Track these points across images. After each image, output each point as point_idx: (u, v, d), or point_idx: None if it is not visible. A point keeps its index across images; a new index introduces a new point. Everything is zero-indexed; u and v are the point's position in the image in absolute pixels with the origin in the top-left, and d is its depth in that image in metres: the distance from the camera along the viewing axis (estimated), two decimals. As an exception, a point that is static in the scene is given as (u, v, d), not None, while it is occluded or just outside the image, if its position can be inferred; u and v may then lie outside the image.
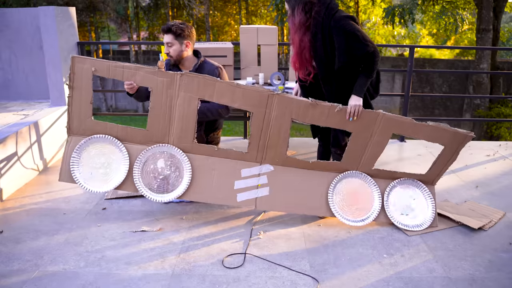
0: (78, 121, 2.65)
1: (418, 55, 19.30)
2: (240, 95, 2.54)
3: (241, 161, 2.69)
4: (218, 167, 2.69)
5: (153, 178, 2.69)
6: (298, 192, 2.71)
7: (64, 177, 2.69)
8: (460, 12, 12.88)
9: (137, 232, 2.61)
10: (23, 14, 4.35)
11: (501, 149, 4.37)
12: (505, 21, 20.09)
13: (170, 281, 2.15)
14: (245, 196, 2.67)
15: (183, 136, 2.65)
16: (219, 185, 2.68)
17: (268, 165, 2.70)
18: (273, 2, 11.57)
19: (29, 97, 4.56)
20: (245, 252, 2.40)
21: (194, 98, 2.56)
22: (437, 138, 2.60)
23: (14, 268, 2.24)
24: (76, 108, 2.63)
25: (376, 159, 2.69)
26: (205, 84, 2.53)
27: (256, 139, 2.63)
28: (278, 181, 2.70)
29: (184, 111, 2.59)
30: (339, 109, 2.51)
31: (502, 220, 2.81)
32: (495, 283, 2.16)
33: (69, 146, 2.68)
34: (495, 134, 10.82)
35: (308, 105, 2.52)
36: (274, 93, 2.52)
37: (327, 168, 2.73)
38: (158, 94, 2.57)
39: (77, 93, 2.60)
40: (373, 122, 2.55)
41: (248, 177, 2.69)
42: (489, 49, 11.05)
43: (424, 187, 2.75)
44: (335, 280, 2.17)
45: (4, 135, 3.19)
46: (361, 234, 2.61)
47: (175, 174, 2.68)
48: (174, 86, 2.55)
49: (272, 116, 2.56)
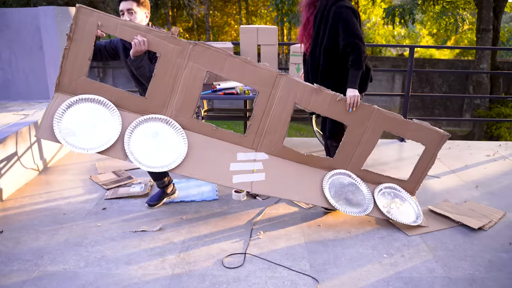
0: (70, 77, 2.41)
1: (418, 55, 19.30)
2: (250, 71, 2.52)
3: (237, 145, 2.66)
4: (214, 146, 2.62)
5: (145, 147, 2.51)
6: (294, 180, 2.71)
7: (44, 133, 2.38)
8: (461, 12, 12.89)
9: (137, 232, 2.61)
10: (23, 14, 4.35)
11: (501, 149, 4.37)
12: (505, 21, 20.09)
13: (170, 281, 2.14)
14: (241, 178, 2.63)
15: (183, 109, 2.54)
16: (215, 164, 2.59)
17: (263, 154, 2.68)
18: (273, 2, 11.58)
19: (29, 97, 4.56)
20: (245, 252, 2.40)
21: (202, 70, 2.49)
22: (420, 137, 2.72)
23: (14, 268, 2.24)
24: (70, 62, 2.38)
25: (366, 158, 2.74)
26: (217, 57, 2.48)
27: (257, 120, 2.60)
28: (273, 169, 2.68)
29: (189, 83, 2.50)
30: (341, 99, 2.57)
31: (502, 220, 2.81)
32: (495, 283, 2.16)
33: (54, 102, 2.40)
34: (495, 134, 10.82)
35: (313, 91, 2.55)
36: (283, 74, 2.53)
37: (319, 164, 2.76)
38: (165, 62, 2.44)
39: (75, 46, 2.36)
40: (368, 116, 2.62)
41: (243, 161, 2.66)
42: (489, 49, 11.05)
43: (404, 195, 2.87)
44: (335, 280, 2.17)
45: (4, 135, 3.19)
46: (361, 234, 2.61)
47: (167, 148, 2.52)
48: (184, 55, 2.46)
49: (276, 97, 2.56)
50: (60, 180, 3.41)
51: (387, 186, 2.86)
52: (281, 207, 2.97)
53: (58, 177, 3.49)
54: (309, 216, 2.83)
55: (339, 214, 2.85)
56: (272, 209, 2.94)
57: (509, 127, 10.83)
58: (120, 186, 3.26)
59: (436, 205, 2.97)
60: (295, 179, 2.70)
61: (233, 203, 3.02)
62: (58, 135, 2.36)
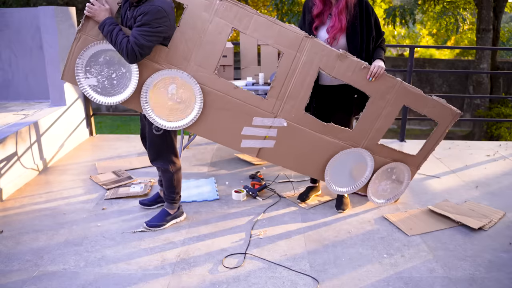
0: (94, 21, 2.36)
1: (418, 55, 19.30)
2: (276, 32, 2.48)
3: (256, 108, 2.59)
4: (231, 107, 2.57)
5: (161, 102, 2.50)
6: (301, 153, 2.73)
7: (67, 77, 2.43)
8: (461, 12, 12.88)
9: (137, 232, 2.61)
10: (23, 14, 4.35)
11: (501, 149, 4.37)
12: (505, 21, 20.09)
13: (170, 281, 2.14)
14: (249, 144, 2.62)
15: (204, 64, 2.49)
16: (227, 126, 2.60)
17: (282, 120, 2.62)
18: (273, 2, 11.57)
19: (29, 97, 4.56)
20: (245, 252, 2.40)
21: (227, 26, 2.45)
22: (435, 114, 2.72)
23: (14, 268, 2.24)
24: (98, 5, 2.33)
25: (383, 132, 2.73)
26: (243, 14, 2.45)
27: (279, 83, 2.55)
28: (286, 139, 2.67)
29: (213, 39, 2.46)
30: (366, 67, 2.55)
31: (502, 220, 2.81)
32: (495, 283, 2.16)
33: (76, 44, 2.38)
34: (495, 134, 10.82)
35: (338, 56, 2.52)
36: (309, 37, 2.50)
37: (338, 136, 2.71)
38: (191, 14, 2.42)
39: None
40: (391, 89, 2.61)
41: (258, 127, 2.62)
42: (489, 49, 11.04)
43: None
44: (335, 280, 2.16)
45: (4, 135, 3.19)
46: (361, 234, 2.61)
47: (184, 104, 2.52)
48: (210, 9, 2.43)
49: (300, 61, 2.52)
50: (60, 180, 3.41)
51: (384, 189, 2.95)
52: (281, 207, 2.97)
53: (58, 177, 3.49)
54: (309, 216, 2.83)
55: (339, 214, 2.85)
56: (272, 209, 2.94)
57: (509, 127, 10.83)
58: (120, 186, 3.26)
59: (436, 205, 2.97)
60: (304, 153, 2.72)
61: (233, 203, 3.02)
62: (80, 83, 2.40)
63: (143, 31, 2.22)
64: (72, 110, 4.24)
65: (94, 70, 2.42)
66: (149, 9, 2.21)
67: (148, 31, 2.23)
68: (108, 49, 2.39)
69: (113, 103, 2.45)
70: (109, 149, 4.19)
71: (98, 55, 2.40)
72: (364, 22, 2.65)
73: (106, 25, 2.26)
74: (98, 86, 2.43)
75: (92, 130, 4.68)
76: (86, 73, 2.41)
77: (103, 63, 2.41)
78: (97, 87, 2.44)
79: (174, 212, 2.69)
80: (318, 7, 2.67)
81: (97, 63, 2.41)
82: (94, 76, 2.42)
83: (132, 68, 2.41)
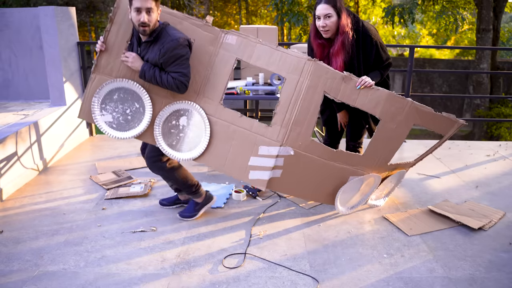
0: (107, 59, 2.49)
1: (418, 55, 19.30)
2: (277, 58, 2.48)
3: (262, 137, 2.53)
4: (237, 137, 2.55)
5: (173, 134, 2.58)
6: (310, 181, 2.65)
7: (84, 115, 2.56)
8: (461, 12, 12.87)
9: (136, 232, 2.61)
10: (23, 14, 4.35)
11: (501, 149, 4.37)
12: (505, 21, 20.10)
13: (170, 281, 2.14)
14: (257, 175, 2.55)
15: (211, 96, 2.54)
16: (235, 156, 2.56)
17: (288, 148, 2.53)
18: (273, 2, 11.57)
19: (29, 97, 4.56)
20: (245, 252, 2.40)
21: (232, 58, 2.50)
22: (442, 129, 2.64)
23: (14, 268, 2.24)
24: (109, 44, 2.48)
25: (394, 153, 2.66)
26: (246, 44, 2.49)
27: (283, 109, 2.49)
28: (293, 167, 2.58)
29: (219, 71, 2.51)
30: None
31: (502, 220, 2.81)
32: (495, 283, 2.16)
33: (92, 84, 2.52)
34: (495, 134, 10.82)
35: (342, 78, 2.46)
36: (312, 60, 2.46)
37: (348, 162, 2.63)
38: (199, 49, 2.49)
39: (115, 29, 2.47)
40: (401, 111, 2.52)
41: (265, 156, 2.54)
42: (489, 49, 11.04)
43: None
44: (335, 280, 2.17)
45: (4, 135, 3.19)
46: (361, 234, 2.61)
47: (194, 135, 2.58)
48: (217, 43, 2.50)
49: (304, 85, 2.47)
50: (60, 180, 3.42)
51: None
52: (281, 207, 2.97)
53: (58, 177, 3.49)
54: (309, 216, 2.83)
55: (339, 214, 2.85)
56: (272, 209, 2.94)
57: (509, 127, 10.84)
58: (120, 186, 3.26)
59: (436, 205, 2.97)
60: (312, 181, 2.65)
61: (233, 203, 3.02)
62: (96, 120, 2.53)
63: (180, 63, 2.38)
64: (72, 110, 4.24)
65: (109, 107, 2.55)
66: (175, 44, 2.33)
67: (183, 60, 2.39)
68: (122, 87, 2.51)
69: (128, 138, 2.56)
70: (109, 149, 4.19)
71: (113, 93, 2.53)
72: (361, 56, 2.60)
73: (146, 71, 2.40)
74: (114, 122, 2.56)
75: (92, 130, 4.69)
76: (102, 110, 2.54)
77: (117, 100, 2.54)
78: (113, 123, 2.56)
79: (201, 200, 2.76)
80: (317, 54, 2.67)
81: (112, 100, 2.54)
82: (109, 112, 2.55)
83: (145, 103, 2.53)
